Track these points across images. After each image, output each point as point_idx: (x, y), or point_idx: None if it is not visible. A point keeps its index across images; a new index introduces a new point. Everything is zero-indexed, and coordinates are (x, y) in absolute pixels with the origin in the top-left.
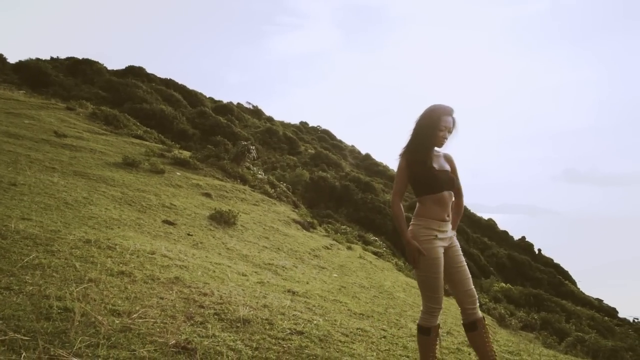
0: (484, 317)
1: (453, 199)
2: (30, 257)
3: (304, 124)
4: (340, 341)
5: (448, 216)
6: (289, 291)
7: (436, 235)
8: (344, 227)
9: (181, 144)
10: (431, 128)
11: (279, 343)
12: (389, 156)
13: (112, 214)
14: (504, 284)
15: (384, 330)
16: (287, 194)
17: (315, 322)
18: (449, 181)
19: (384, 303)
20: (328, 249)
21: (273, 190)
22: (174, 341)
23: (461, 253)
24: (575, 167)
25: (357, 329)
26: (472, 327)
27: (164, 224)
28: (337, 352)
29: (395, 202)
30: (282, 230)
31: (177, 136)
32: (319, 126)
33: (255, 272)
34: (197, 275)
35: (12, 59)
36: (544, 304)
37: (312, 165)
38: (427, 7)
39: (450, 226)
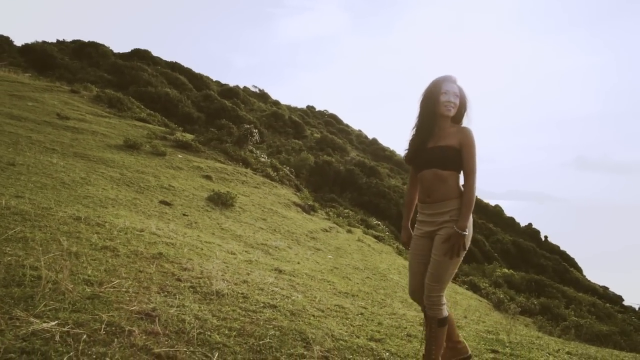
0: (439, 321)
1: (450, 178)
2: (15, 230)
3: (310, 108)
4: (314, 316)
5: (429, 197)
6: (276, 269)
7: (418, 219)
8: (347, 210)
9: (186, 127)
10: (433, 94)
11: (248, 315)
12: (397, 141)
13: (108, 193)
14: (506, 270)
15: (364, 308)
16: (290, 177)
17: (293, 298)
18: (435, 159)
19: (374, 284)
20: (327, 231)
21: (275, 173)
22: (138, 308)
23: (441, 243)
24: (586, 154)
25: (336, 305)
26: (427, 320)
27: (160, 204)
28: (306, 325)
29: (407, 186)
30: (281, 212)
31: (182, 119)
32: (325, 110)
33: (246, 252)
34: (182, 252)
35: (18, 41)
36: (545, 290)
37: (317, 149)
38: None
39: (437, 208)
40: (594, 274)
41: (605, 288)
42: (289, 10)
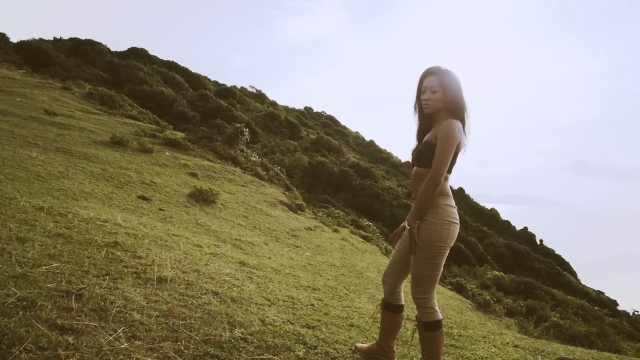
0: (424, 324)
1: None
2: None
3: (308, 109)
4: (256, 304)
5: (413, 195)
6: (240, 262)
7: None
8: (337, 211)
9: (180, 126)
10: (417, 93)
11: (183, 299)
12: (394, 143)
13: (84, 187)
14: (497, 272)
15: (319, 300)
16: (280, 177)
17: (242, 287)
18: (414, 157)
19: (346, 280)
20: (311, 230)
21: (265, 172)
22: (64, 287)
23: (405, 241)
24: (585, 159)
25: (287, 296)
26: (417, 322)
27: (137, 199)
28: (242, 311)
29: None
30: (266, 210)
31: (176, 118)
32: (323, 112)
33: (215, 245)
34: (142, 243)
35: (14, 38)
36: (533, 292)
37: (312, 150)
38: None
39: None
40: (590, 278)
41: (600, 292)
42: (289, 11)
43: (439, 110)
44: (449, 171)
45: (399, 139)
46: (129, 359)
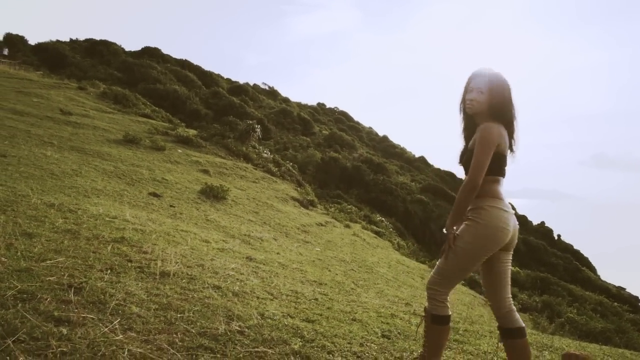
0: (432, 316)
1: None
2: None
3: (321, 105)
4: (258, 298)
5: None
6: (247, 258)
7: None
8: (350, 206)
9: (193, 124)
10: (463, 93)
11: (184, 293)
12: (408, 138)
13: (96, 185)
14: (512, 268)
15: (324, 295)
16: (292, 173)
17: (246, 282)
18: (464, 164)
19: (355, 276)
20: (322, 225)
21: (277, 169)
22: (66, 281)
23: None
24: (605, 152)
25: (291, 291)
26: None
27: (149, 195)
28: (241, 304)
29: None
30: (277, 206)
31: (189, 116)
32: (336, 108)
33: (223, 241)
34: (149, 238)
35: (32, 40)
36: (550, 288)
37: (325, 146)
38: None
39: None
40: (610, 274)
41: (621, 288)
42: (302, 7)
43: (482, 112)
44: (503, 175)
45: (413, 134)
46: (122, 350)
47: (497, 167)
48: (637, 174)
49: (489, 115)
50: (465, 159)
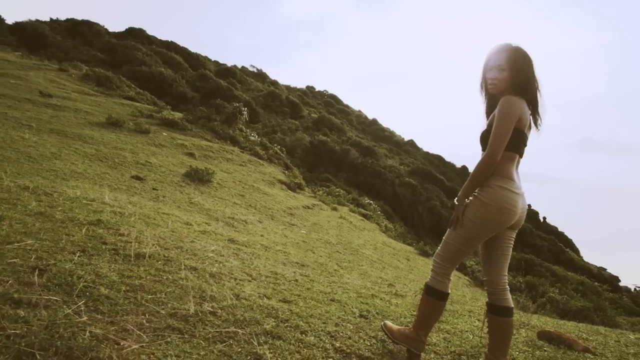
0: (426, 285)
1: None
2: None
3: (310, 88)
4: (235, 279)
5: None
6: (229, 240)
7: None
8: (338, 190)
9: (180, 107)
10: (483, 72)
11: (159, 275)
12: (398, 121)
13: (76, 168)
14: None
15: (305, 276)
16: (280, 156)
17: (225, 263)
18: (482, 140)
19: (339, 257)
20: (308, 208)
21: (264, 152)
22: (32, 264)
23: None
24: (592, 136)
25: (271, 272)
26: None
27: (131, 179)
28: (217, 285)
29: None
30: (263, 189)
31: (176, 99)
32: (325, 91)
33: (206, 223)
34: (127, 221)
35: (10, 19)
36: (534, 269)
37: (314, 129)
38: None
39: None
40: (593, 255)
41: (602, 269)
42: None
43: (505, 90)
44: (520, 153)
45: (402, 118)
46: (83, 331)
47: (515, 143)
48: (622, 157)
49: (513, 91)
50: (484, 135)
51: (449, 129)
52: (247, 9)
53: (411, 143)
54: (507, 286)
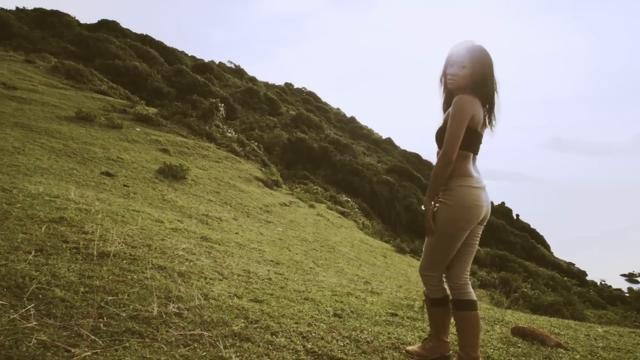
0: (431, 300)
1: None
2: None
3: (288, 85)
4: (205, 278)
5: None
6: (201, 238)
7: None
8: (316, 187)
9: (155, 102)
10: (444, 68)
11: (124, 274)
12: (375, 120)
13: (41, 163)
14: None
15: (279, 274)
16: (257, 153)
17: (195, 262)
18: (437, 138)
19: (316, 255)
20: (285, 205)
21: (241, 148)
22: None
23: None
24: (563, 136)
25: (244, 271)
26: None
27: (101, 175)
28: (185, 285)
29: None
30: (239, 186)
31: (151, 94)
32: (304, 88)
33: (178, 221)
34: (94, 218)
35: None
36: (507, 265)
37: (292, 126)
38: None
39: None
40: (563, 251)
41: (571, 264)
42: None
43: (464, 87)
44: (474, 151)
45: (380, 116)
46: (29, 338)
47: (469, 142)
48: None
49: (471, 90)
50: (439, 132)
51: (426, 128)
52: (226, 4)
53: (389, 141)
54: (469, 280)
